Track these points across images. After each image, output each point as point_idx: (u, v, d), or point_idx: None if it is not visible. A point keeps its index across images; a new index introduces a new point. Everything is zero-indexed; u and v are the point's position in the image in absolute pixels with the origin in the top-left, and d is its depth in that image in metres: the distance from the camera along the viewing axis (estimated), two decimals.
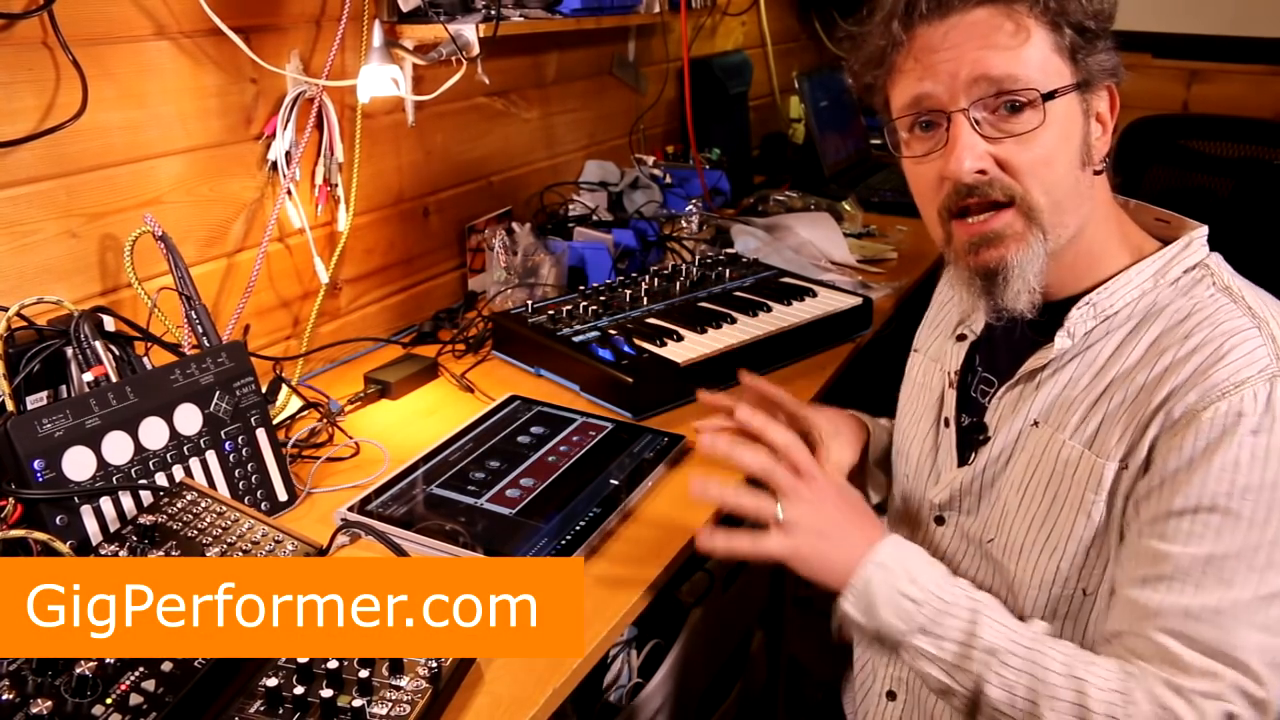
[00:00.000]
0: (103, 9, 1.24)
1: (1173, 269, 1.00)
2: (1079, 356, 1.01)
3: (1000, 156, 0.96)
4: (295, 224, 1.56)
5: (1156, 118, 2.55)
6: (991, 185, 0.96)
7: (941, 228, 1.02)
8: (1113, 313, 1.00)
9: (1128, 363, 0.97)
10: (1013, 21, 0.95)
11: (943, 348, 1.20)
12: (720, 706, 1.63)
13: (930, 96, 0.97)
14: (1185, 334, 0.95)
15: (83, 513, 1.03)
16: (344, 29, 1.55)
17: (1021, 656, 0.91)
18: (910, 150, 1.02)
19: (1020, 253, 0.97)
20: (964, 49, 0.95)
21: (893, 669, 1.19)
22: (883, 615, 0.95)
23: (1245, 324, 0.93)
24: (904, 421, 1.24)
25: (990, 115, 0.96)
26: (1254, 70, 2.90)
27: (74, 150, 1.24)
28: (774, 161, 2.93)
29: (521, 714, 0.91)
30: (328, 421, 1.40)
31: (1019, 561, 1.03)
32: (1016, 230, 0.97)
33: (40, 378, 1.11)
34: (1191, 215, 1.06)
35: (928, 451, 1.17)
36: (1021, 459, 1.04)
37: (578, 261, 1.98)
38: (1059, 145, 0.97)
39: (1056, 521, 1.00)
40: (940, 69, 0.96)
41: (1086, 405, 0.99)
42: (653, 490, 1.27)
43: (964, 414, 1.14)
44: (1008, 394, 1.06)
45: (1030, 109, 0.95)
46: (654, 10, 2.25)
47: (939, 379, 1.19)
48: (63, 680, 0.80)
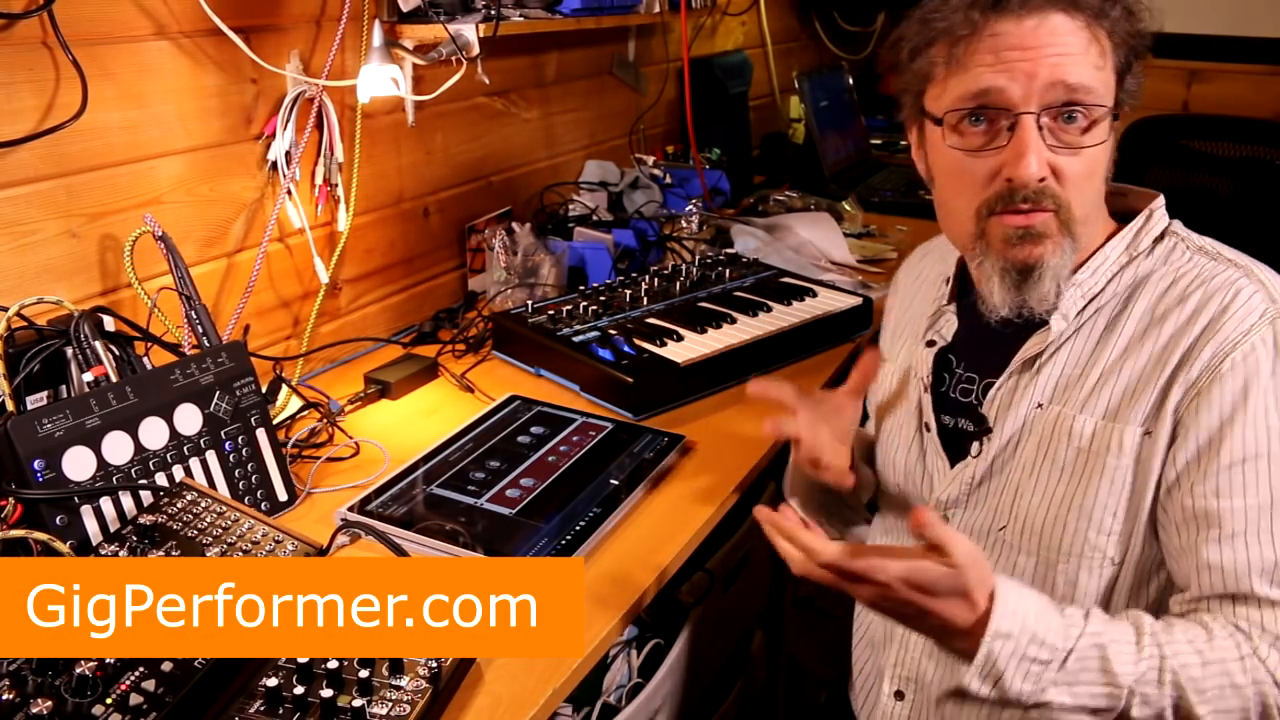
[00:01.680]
0: (103, 9, 1.24)
1: (1143, 240, 1.04)
2: (1072, 338, 1.04)
3: (1055, 165, 0.97)
4: (295, 224, 1.56)
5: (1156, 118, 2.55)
6: (1044, 193, 0.97)
7: (975, 223, 1.01)
8: (1098, 290, 1.03)
9: (1129, 335, 1.01)
10: (1089, 33, 0.96)
11: (912, 355, 1.20)
12: (720, 706, 1.63)
13: (1001, 93, 0.96)
14: (1180, 298, 0.99)
15: (83, 513, 1.03)
16: (344, 29, 1.55)
17: (1156, 668, 0.89)
18: (960, 141, 1.00)
19: (1055, 255, 0.99)
20: (1043, 52, 0.95)
21: (899, 669, 1.18)
22: (1013, 685, 0.89)
23: (1234, 275, 0.98)
24: (885, 432, 1.23)
25: (1051, 123, 0.96)
26: (1254, 70, 2.90)
27: (74, 150, 1.24)
28: (774, 161, 2.93)
29: (521, 714, 0.91)
30: (328, 421, 1.40)
31: (1040, 540, 1.03)
32: (1053, 231, 0.98)
33: (40, 378, 1.11)
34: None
35: (915, 458, 1.17)
36: (1031, 442, 1.05)
37: (578, 261, 1.98)
38: (1102, 162, 1.00)
39: (1076, 493, 1.01)
40: (1018, 67, 0.95)
41: (1094, 381, 1.01)
42: (653, 490, 1.27)
43: (944, 416, 1.14)
44: (1005, 385, 1.07)
45: (1096, 125, 0.97)
46: (654, 10, 2.25)
47: (913, 386, 1.18)
48: (63, 680, 0.80)
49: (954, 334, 1.15)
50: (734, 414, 1.48)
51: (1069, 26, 0.95)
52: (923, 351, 1.17)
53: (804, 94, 2.77)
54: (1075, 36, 0.95)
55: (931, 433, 1.14)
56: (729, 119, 2.72)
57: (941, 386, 1.15)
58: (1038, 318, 1.02)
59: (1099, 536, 1.00)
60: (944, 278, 1.19)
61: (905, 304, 1.28)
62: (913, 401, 1.18)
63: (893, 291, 1.33)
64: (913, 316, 1.25)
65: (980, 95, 0.97)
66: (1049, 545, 1.03)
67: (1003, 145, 0.97)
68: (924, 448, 1.16)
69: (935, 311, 1.18)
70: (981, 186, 1.00)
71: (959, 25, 0.98)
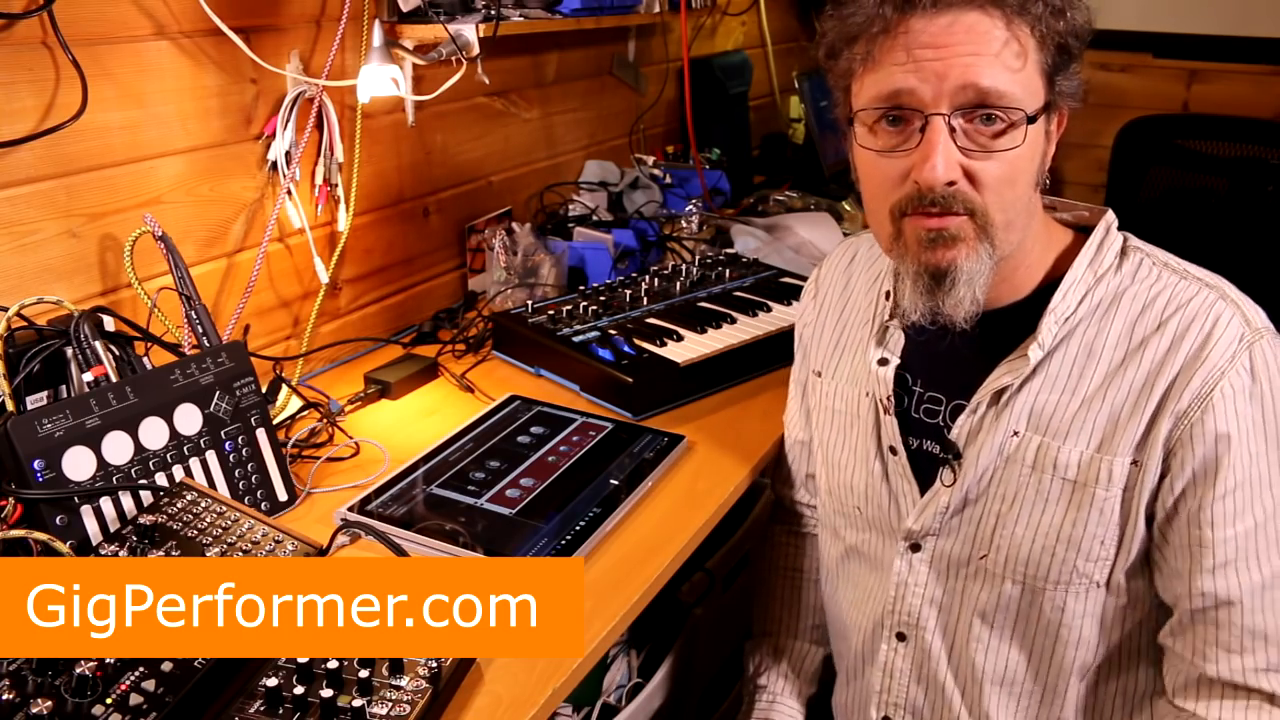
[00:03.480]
0: (102, 9, 1.24)
1: (1105, 256, 1.02)
2: (1045, 363, 1.01)
3: (969, 169, 0.93)
4: (295, 224, 1.56)
5: (1156, 117, 2.55)
6: (954, 197, 0.94)
7: (891, 224, 0.99)
8: (1070, 312, 1.01)
9: (1108, 361, 0.99)
10: (1009, 32, 0.91)
11: (857, 371, 1.16)
12: (720, 706, 1.63)
13: (911, 94, 0.93)
14: (1158, 322, 0.98)
15: (83, 513, 1.03)
16: (344, 29, 1.55)
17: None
18: (873, 142, 0.98)
19: (970, 260, 0.95)
20: (955, 51, 0.91)
21: (886, 695, 1.15)
22: None
23: (1209, 297, 0.97)
24: (835, 452, 1.19)
25: (966, 125, 0.93)
26: (1254, 70, 2.90)
27: (74, 150, 1.24)
28: (774, 161, 2.93)
29: (521, 714, 0.91)
30: (328, 421, 1.40)
31: (1027, 570, 1.02)
32: (968, 235, 0.95)
33: (40, 378, 1.11)
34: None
35: (878, 482, 1.13)
36: (1010, 471, 1.02)
37: (578, 261, 1.98)
38: (1025, 166, 0.95)
39: (1064, 524, 0.99)
40: (927, 68, 0.92)
41: (1075, 409, 0.99)
42: (653, 490, 1.27)
43: (910, 437, 1.10)
44: (976, 413, 1.04)
45: (1012, 129, 0.93)
46: (654, 10, 2.25)
47: (866, 406, 1.14)
48: (63, 680, 0.80)
49: (902, 349, 1.11)
50: (734, 414, 1.48)
51: (985, 25, 0.91)
52: (877, 370, 1.12)
53: (804, 94, 2.77)
54: (991, 35, 0.91)
55: (899, 456, 1.10)
56: (729, 119, 2.72)
57: (901, 405, 1.11)
58: (954, 325, 0.98)
59: (1088, 564, 0.99)
60: (880, 288, 1.16)
61: (837, 312, 1.23)
62: (868, 422, 1.14)
63: (815, 296, 1.27)
64: (851, 326, 1.20)
65: (892, 96, 0.94)
66: (1036, 575, 1.02)
67: (913, 147, 0.94)
68: (887, 471, 1.12)
69: (879, 327, 1.13)
70: (893, 187, 0.97)
71: (874, 23, 0.94)
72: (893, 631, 1.13)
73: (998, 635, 1.06)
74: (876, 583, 1.15)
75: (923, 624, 1.10)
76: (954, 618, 1.08)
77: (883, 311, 1.14)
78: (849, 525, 1.18)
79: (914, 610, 1.11)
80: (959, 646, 1.08)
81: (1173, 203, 2.25)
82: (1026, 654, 1.05)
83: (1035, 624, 1.04)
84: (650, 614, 1.14)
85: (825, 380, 1.22)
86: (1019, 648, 1.05)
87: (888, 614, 1.13)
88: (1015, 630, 1.05)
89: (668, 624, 1.48)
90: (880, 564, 1.14)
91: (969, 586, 1.07)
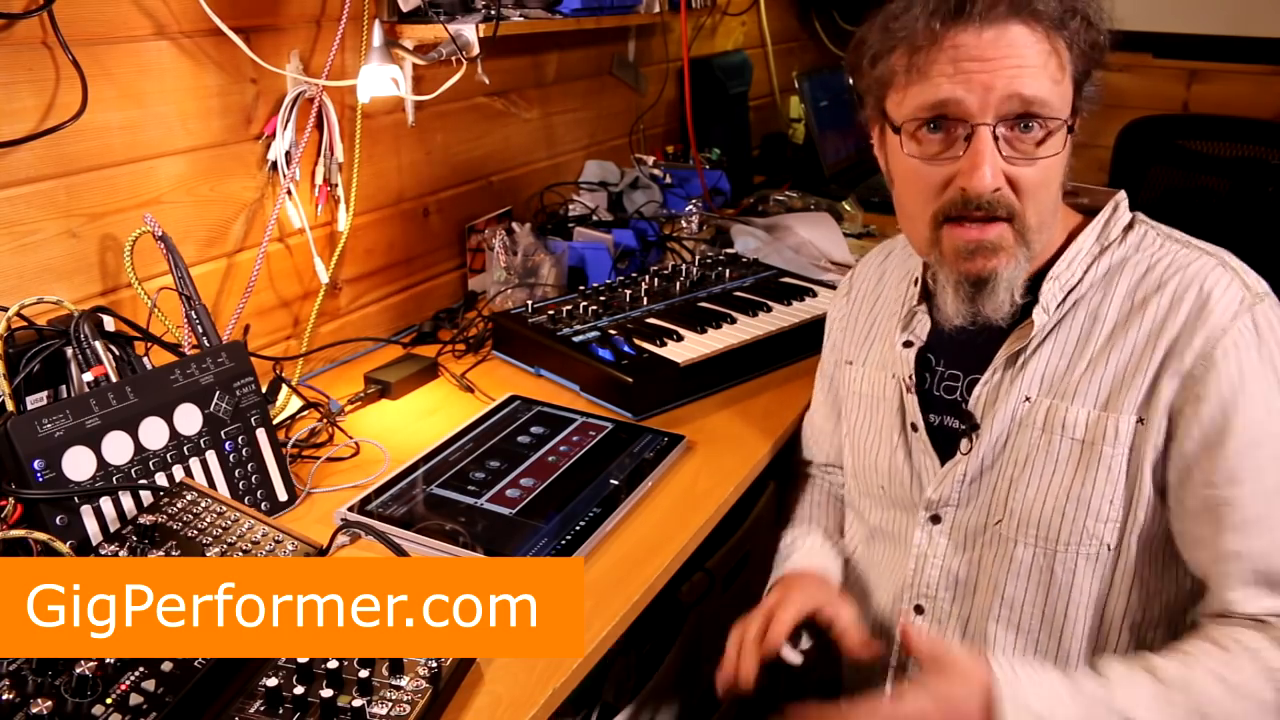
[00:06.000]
0: (102, 9, 1.24)
1: (1112, 230, 1.07)
2: (1055, 330, 1.05)
3: (1010, 175, 0.98)
4: (295, 224, 1.56)
5: (1156, 118, 2.55)
6: (999, 202, 0.98)
7: (931, 230, 1.03)
8: (1075, 281, 1.05)
9: (1111, 322, 1.03)
10: (1049, 44, 0.96)
11: (888, 356, 1.20)
12: (720, 706, 1.63)
13: (959, 104, 0.97)
14: (1159, 284, 1.01)
15: (83, 513, 1.03)
16: (344, 29, 1.55)
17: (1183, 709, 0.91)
18: (918, 149, 1.02)
19: (1009, 266, 1.00)
20: (1001, 64, 0.95)
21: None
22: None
23: (1209, 263, 1.01)
24: (861, 436, 1.23)
25: (1008, 133, 0.97)
26: (1254, 70, 2.90)
27: (74, 150, 1.24)
28: (774, 161, 2.93)
29: (521, 714, 0.91)
30: (328, 421, 1.40)
31: (1039, 531, 1.04)
32: (1008, 243, 1.00)
33: (40, 378, 1.11)
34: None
35: (901, 459, 1.17)
36: (1022, 436, 1.06)
37: (578, 261, 1.98)
38: (1058, 170, 1.01)
39: (1074, 484, 1.02)
40: (975, 80, 0.96)
41: (1082, 370, 1.03)
42: (653, 490, 1.27)
43: (930, 414, 1.15)
44: (990, 381, 1.08)
45: (1050, 136, 0.98)
46: (654, 10, 2.25)
47: (891, 387, 1.19)
48: (63, 680, 0.80)
49: (928, 333, 1.15)
50: (734, 414, 1.48)
51: (1028, 39, 0.96)
52: (901, 352, 1.17)
53: (804, 94, 2.77)
54: (1034, 49, 0.96)
55: (919, 432, 1.14)
56: (729, 119, 2.72)
57: (923, 385, 1.16)
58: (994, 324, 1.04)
59: (1097, 525, 1.01)
60: (910, 278, 1.19)
61: (869, 305, 1.28)
62: (892, 403, 1.18)
63: (849, 293, 1.32)
64: (881, 318, 1.25)
65: (938, 106, 0.98)
66: (1048, 536, 1.04)
67: (959, 155, 0.98)
68: (909, 448, 1.16)
69: (907, 313, 1.18)
70: (936, 194, 1.01)
71: (919, 35, 0.98)
72: (911, 604, 1.15)
73: (1009, 606, 1.07)
74: (897, 559, 1.18)
75: (941, 596, 1.13)
76: (970, 589, 1.11)
77: (911, 298, 1.18)
78: (874, 505, 1.22)
79: (933, 582, 1.13)
80: (976, 619, 1.11)
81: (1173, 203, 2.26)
82: (1039, 624, 1.07)
83: (1048, 591, 1.05)
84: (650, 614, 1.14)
85: (855, 367, 1.26)
86: (1033, 617, 1.07)
87: (906, 587, 1.15)
88: (1029, 599, 1.07)
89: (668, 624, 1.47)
90: (902, 540, 1.17)
91: (985, 556, 1.09)
